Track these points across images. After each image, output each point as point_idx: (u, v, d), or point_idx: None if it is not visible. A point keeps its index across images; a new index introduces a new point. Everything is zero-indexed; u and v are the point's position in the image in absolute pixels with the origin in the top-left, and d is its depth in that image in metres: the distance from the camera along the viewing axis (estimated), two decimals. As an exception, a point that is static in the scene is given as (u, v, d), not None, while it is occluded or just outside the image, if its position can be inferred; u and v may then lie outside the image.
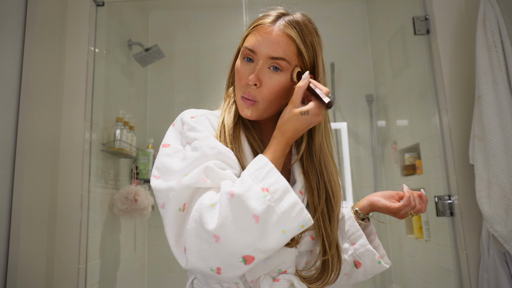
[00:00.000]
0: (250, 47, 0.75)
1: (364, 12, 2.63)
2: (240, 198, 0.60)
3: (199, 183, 0.64)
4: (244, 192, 0.60)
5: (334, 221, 0.77)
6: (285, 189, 0.62)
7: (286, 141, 0.70)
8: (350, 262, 0.85)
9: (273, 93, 0.75)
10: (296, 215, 0.61)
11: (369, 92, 2.55)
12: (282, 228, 0.60)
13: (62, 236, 1.61)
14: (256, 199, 0.60)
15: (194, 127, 0.73)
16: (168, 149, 0.72)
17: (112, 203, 1.95)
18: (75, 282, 1.57)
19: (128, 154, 2.06)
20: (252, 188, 0.61)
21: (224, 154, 0.69)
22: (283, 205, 0.61)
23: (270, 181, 0.62)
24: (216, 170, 0.66)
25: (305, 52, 0.76)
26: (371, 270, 0.84)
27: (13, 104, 1.51)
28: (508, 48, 1.44)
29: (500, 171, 1.36)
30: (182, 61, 2.65)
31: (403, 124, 2.26)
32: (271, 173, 0.63)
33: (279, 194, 0.61)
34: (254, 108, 0.76)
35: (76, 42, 1.76)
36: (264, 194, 0.60)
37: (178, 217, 0.65)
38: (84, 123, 1.70)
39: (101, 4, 1.85)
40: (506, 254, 1.39)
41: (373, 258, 0.83)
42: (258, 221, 0.59)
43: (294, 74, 0.75)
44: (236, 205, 0.60)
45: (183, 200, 0.65)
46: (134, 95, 2.44)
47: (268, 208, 0.59)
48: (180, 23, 2.70)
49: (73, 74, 1.73)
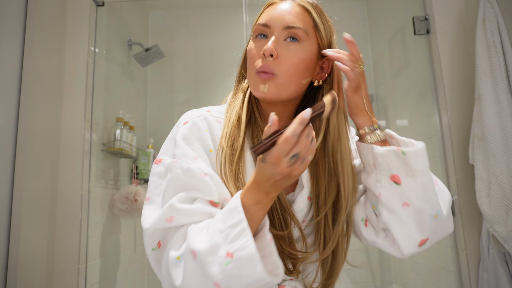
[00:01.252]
0: (263, 22, 0.70)
1: (364, 12, 2.63)
2: (201, 263, 0.55)
3: (164, 225, 0.62)
4: (206, 257, 0.55)
5: (339, 223, 0.69)
6: (250, 258, 0.54)
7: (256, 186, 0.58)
8: (386, 182, 0.67)
9: (293, 65, 0.67)
10: (261, 287, 0.55)
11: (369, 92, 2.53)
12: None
13: (62, 236, 1.61)
14: (218, 266, 0.54)
15: (177, 141, 0.67)
16: (159, 167, 0.69)
17: (112, 203, 1.95)
18: (75, 282, 1.57)
19: (128, 154, 2.06)
20: (218, 250, 0.55)
21: (198, 178, 0.63)
22: (247, 278, 0.54)
23: (237, 245, 0.54)
24: (180, 208, 0.61)
25: (321, 26, 0.72)
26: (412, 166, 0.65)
27: (13, 104, 1.51)
28: (508, 48, 1.44)
29: (500, 171, 1.36)
30: (182, 61, 2.65)
31: (403, 124, 2.26)
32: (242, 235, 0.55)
33: (243, 264, 0.54)
34: (272, 82, 0.67)
35: (76, 42, 1.76)
36: (227, 261, 0.54)
37: (154, 255, 0.64)
38: (84, 123, 1.70)
39: (101, 4, 1.85)
40: (506, 254, 1.39)
41: (398, 155, 0.66)
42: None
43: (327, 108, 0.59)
44: (198, 268, 0.56)
45: (155, 240, 0.63)
46: (134, 95, 2.44)
47: (229, 278, 0.54)
48: (180, 23, 2.70)
49: (73, 74, 1.73)
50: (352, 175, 0.72)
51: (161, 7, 2.75)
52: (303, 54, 0.69)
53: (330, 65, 0.74)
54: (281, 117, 0.73)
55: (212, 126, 0.72)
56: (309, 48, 0.70)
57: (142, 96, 2.55)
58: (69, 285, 1.57)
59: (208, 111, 0.75)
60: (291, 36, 0.68)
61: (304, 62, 0.69)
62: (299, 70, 0.68)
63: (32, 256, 1.48)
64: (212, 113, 0.74)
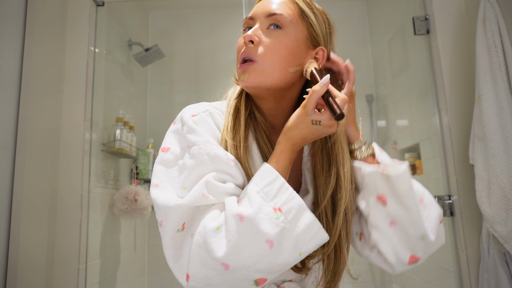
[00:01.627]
0: (249, 16, 0.71)
1: (364, 12, 2.63)
2: (251, 222, 0.54)
3: (200, 201, 0.58)
4: (255, 215, 0.54)
5: (340, 214, 0.67)
6: (299, 207, 0.56)
7: (292, 148, 0.62)
8: (373, 202, 0.67)
9: (274, 51, 0.65)
10: (313, 236, 0.56)
11: (369, 92, 2.55)
12: (298, 251, 0.55)
13: (62, 236, 1.61)
14: (268, 222, 0.54)
15: (194, 129, 0.65)
16: (167, 154, 0.66)
17: (112, 203, 1.95)
18: (75, 282, 1.57)
19: (128, 154, 2.06)
20: (263, 208, 0.55)
21: (225, 163, 0.62)
22: (299, 227, 0.55)
23: (282, 199, 0.56)
24: (217, 184, 0.59)
25: (311, 15, 0.70)
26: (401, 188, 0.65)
27: (13, 104, 1.51)
28: (508, 48, 1.44)
29: (500, 171, 1.36)
30: (182, 61, 2.65)
31: (403, 124, 2.26)
32: (283, 189, 0.57)
33: (294, 214, 0.55)
34: (252, 69, 0.65)
35: (76, 42, 1.76)
36: (277, 215, 0.54)
37: (176, 238, 0.59)
38: (84, 123, 1.70)
39: (101, 4, 1.85)
40: (506, 254, 1.39)
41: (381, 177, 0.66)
42: (272, 246, 0.54)
43: (308, 70, 0.67)
44: (246, 230, 0.54)
45: (182, 220, 0.59)
46: (134, 95, 2.44)
47: (283, 231, 0.54)
48: (180, 23, 2.70)
49: (73, 74, 1.73)
50: (350, 162, 0.70)
51: (161, 7, 2.75)
52: (286, 40, 0.66)
53: (325, 56, 0.72)
54: (276, 114, 0.73)
55: (217, 121, 0.71)
56: (294, 35, 0.67)
57: (142, 96, 2.55)
58: (69, 285, 1.57)
59: (212, 107, 0.73)
60: (274, 24, 0.67)
61: (288, 48, 0.66)
62: (282, 56, 0.66)
63: (32, 256, 1.48)
64: (215, 110, 0.73)
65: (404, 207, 0.65)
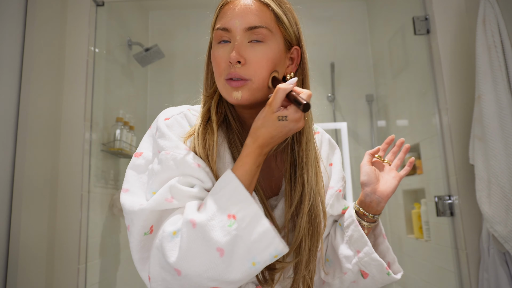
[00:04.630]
0: (222, 26, 0.66)
1: (364, 12, 2.63)
2: (202, 229, 0.53)
3: (163, 205, 0.58)
4: (207, 222, 0.53)
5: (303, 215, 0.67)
6: (254, 215, 0.54)
7: (259, 150, 0.59)
8: (356, 271, 0.74)
9: (263, 67, 0.64)
10: (267, 244, 0.53)
11: (369, 92, 2.55)
12: (252, 260, 0.53)
13: (62, 236, 1.61)
14: (220, 229, 0.53)
15: (164, 134, 0.65)
16: (139, 159, 0.68)
17: (112, 203, 1.95)
18: (75, 282, 1.57)
19: (128, 154, 2.06)
20: (217, 215, 0.54)
21: (192, 168, 0.62)
22: (253, 235, 0.53)
23: (237, 206, 0.54)
24: (181, 188, 0.59)
25: (284, 18, 0.68)
26: (381, 280, 0.74)
27: (13, 104, 1.51)
28: (508, 48, 1.44)
29: (500, 171, 1.36)
30: (182, 61, 2.65)
31: (403, 124, 2.26)
32: (240, 196, 0.55)
33: (248, 222, 0.53)
34: (246, 88, 0.64)
35: (76, 42, 1.76)
36: (230, 222, 0.53)
37: (144, 241, 0.60)
38: (84, 123, 1.70)
39: (101, 4, 1.85)
40: (506, 254, 1.39)
41: (381, 269, 0.73)
42: (222, 255, 0.52)
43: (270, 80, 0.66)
44: (198, 236, 0.53)
45: (147, 223, 0.59)
46: (134, 95, 2.44)
47: (234, 239, 0.52)
48: (180, 23, 2.70)
49: (73, 74, 1.73)
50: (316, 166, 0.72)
51: (161, 7, 2.75)
52: (271, 53, 0.66)
53: (299, 54, 0.72)
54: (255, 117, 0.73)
55: (193, 123, 0.71)
56: (276, 45, 0.67)
57: (142, 96, 2.55)
58: (69, 285, 1.57)
59: (188, 109, 0.74)
60: (255, 39, 0.65)
61: (274, 61, 0.66)
62: (270, 70, 0.66)
63: (32, 256, 1.48)
64: (191, 112, 0.74)
65: (377, 286, 0.76)
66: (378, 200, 0.74)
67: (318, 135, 0.83)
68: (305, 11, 0.79)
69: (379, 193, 0.74)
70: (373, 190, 0.75)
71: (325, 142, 0.83)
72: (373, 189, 0.75)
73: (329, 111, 2.56)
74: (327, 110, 2.56)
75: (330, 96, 2.55)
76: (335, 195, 0.77)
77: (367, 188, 0.75)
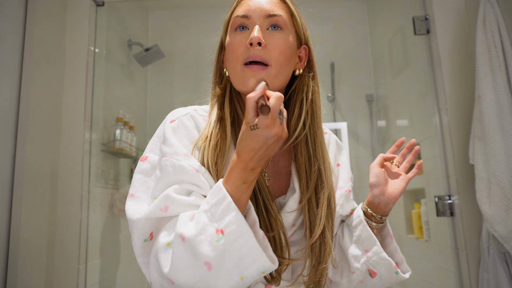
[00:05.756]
0: (242, 13, 0.68)
1: (364, 12, 2.63)
2: (191, 243, 0.54)
3: (158, 214, 0.60)
4: (195, 237, 0.54)
5: (323, 205, 0.69)
6: (242, 231, 0.53)
7: (243, 165, 0.56)
8: (364, 270, 0.74)
9: (281, 53, 0.65)
10: (253, 261, 0.54)
11: (369, 92, 2.55)
12: (239, 275, 0.54)
13: (62, 236, 1.61)
14: (208, 244, 0.53)
15: (167, 139, 0.66)
16: (145, 164, 0.69)
17: (112, 203, 1.95)
18: (75, 282, 1.57)
19: (128, 154, 2.06)
20: (206, 229, 0.54)
21: (190, 175, 0.62)
22: (240, 250, 0.53)
23: (226, 221, 0.54)
24: (177, 198, 0.60)
25: (297, 16, 0.72)
26: (389, 280, 0.74)
27: (13, 104, 1.51)
28: (508, 48, 1.44)
29: (500, 171, 1.36)
30: (182, 61, 2.65)
31: (403, 124, 2.26)
32: (228, 210, 0.54)
33: (235, 237, 0.53)
34: (266, 74, 0.64)
35: (76, 42, 1.76)
36: (218, 237, 0.53)
37: (145, 247, 0.63)
38: (84, 123, 1.70)
39: (101, 4, 1.85)
40: (506, 254, 1.39)
41: (389, 268, 0.73)
42: (210, 269, 0.53)
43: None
44: (187, 250, 0.54)
45: (147, 231, 0.62)
46: (134, 95, 2.44)
47: (222, 254, 0.53)
48: (180, 23, 2.70)
49: (73, 74, 1.73)
50: (329, 160, 0.76)
51: (161, 7, 2.75)
52: (288, 41, 0.68)
53: (307, 53, 0.75)
54: None
55: (199, 124, 0.72)
56: (290, 36, 0.69)
57: (142, 96, 2.55)
58: (69, 285, 1.57)
59: (195, 109, 0.74)
60: (273, 25, 0.67)
61: (290, 50, 0.68)
62: (287, 58, 0.67)
63: (32, 255, 1.48)
64: (199, 112, 0.74)
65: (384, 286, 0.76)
66: (387, 201, 0.75)
67: (326, 136, 0.83)
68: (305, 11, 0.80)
69: (387, 194, 0.75)
70: (382, 191, 0.75)
71: (332, 143, 0.84)
72: (382, 191, 0.75)
73: (329, 111, 2.56)
74: (327, 110, 2.56)
75: (330, 96, 2.55)
76: (344, 195, 0.78)
77: (376, 189, 0.76)
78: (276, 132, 0.55)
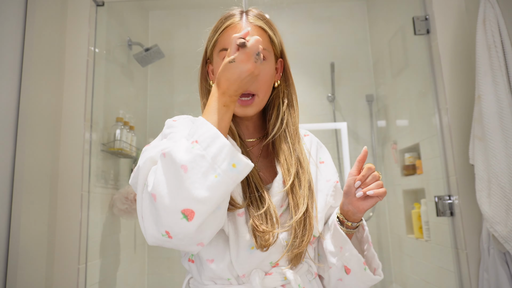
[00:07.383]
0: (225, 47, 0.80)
1: (364, 12, 2.63)
2: (169, 154, 0.61)
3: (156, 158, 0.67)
4: (172, 148, 0.61)
5: (305, 186, 0.79)
6: (213, 135, 0.61)
7: (221, 91, 0.67)
8: (340, 266, 0.80)
9: (266, 82, 0.79)
10: (225, 156, 0.60)
11: (369, 92, 2.55)
12: (213, 173, 0.59)
13: (62, 236, 1.61)
14: (184, 151, 0.60)
15: (172, 125, 0.78)
16: (150, 144, 0.77)
17: (112, 203, 1.95)
18: (75, 282, 1.57)
19: (128, 154, 2.06)
20: (181, 141, 0.62)
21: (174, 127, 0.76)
22: (212, 150, 0.60)
23: (199, 133, 0.62)
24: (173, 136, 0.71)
25: (275, 39, 0.82)
26: (362, 278, 0.80)
27: (13, 104, 1.51)
28: (508, 48, 1.44)
29: (500, 171, 1.36)
30: (182, 61, 2.65)
31: (403, 124, 2.26)
32: (202, 125, 0.63)
33: (208, 142, 0.60)
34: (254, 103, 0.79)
35: (76, 42, 1.76)
36: (192, 146, 0.60)
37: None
38: (84, 123, 1.70)
39: (101, 4, 1.85)
40: (506, 254, 1.39)
41: (359, 264, 0.79)
42: (186, 171, 0.59)
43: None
44: (166, 162, 0.61)
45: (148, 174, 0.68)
46: (134, 95, 2.44)
47: (196, 157, 0.59)
48: (180, 23, 2.70)
49: (73, 74, 1.73)
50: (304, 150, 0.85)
51: (161, 7, 2.75)
52: (271, 70, 0.81)
53: (282, 65, 0.87)
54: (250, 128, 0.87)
55: None
56: (272, 63, 0.82)
57: (142, 96, 2.55)
58: (69, 285, 1.57)
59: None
60: None
61: (272, 76, 0.81)
62: (270, 84, 0.81)
63: (32, 255, 1.48)
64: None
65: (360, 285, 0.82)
66: (354, 211, 0.78)
67: (308, 137, 0.93)
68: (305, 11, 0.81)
69: (355, 206, 0.77)
70: (350, 201, 0.77)
71: (314, 143, 0.93)
72: (350, 201, 0.77)
73: (329, 111, 2.56)
74: (327, 110, 2.56)
75: (330, 96, 2.55)
76: (334, 185, 0.86)
77: (345, 199, 0.78)
78: (249, 68, 0.65)
